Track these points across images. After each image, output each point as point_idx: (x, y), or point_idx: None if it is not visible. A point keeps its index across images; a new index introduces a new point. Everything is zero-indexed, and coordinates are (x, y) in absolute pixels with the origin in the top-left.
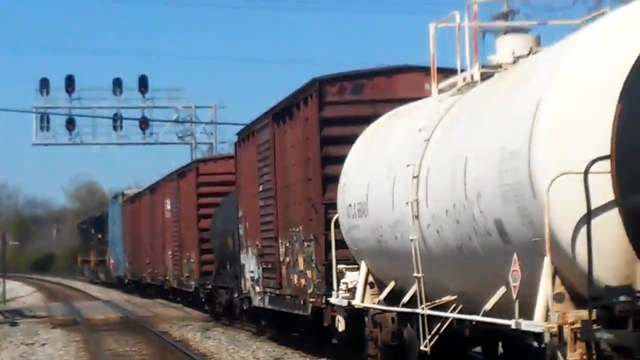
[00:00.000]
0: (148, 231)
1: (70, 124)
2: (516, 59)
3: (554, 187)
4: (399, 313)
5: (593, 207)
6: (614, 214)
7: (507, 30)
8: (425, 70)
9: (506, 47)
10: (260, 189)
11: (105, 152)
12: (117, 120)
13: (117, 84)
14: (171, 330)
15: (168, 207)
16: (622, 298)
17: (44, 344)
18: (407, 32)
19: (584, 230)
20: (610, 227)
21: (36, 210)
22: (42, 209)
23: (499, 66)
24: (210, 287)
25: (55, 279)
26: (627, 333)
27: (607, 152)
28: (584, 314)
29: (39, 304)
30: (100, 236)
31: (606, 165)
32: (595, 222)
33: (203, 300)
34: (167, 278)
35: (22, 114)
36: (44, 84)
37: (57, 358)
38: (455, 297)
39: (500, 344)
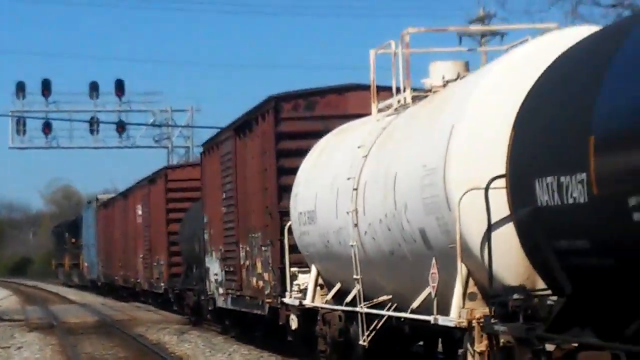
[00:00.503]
0: (120, 235)
1: (47, 127)
2: (445, 83)
3: (464, 201)
4: (344, 311)
5: (495, 218)
6: (511, 225)
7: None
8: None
9: (437, 71)
10: (224, 196)
11: (82, 156)
12: (93, 124)
13: (94, 87)
14: (147, 334)
15: (139, 212)
16: (515, 296)
17: (20, 347)
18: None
19: (476, 241)
20: (508, 236)
21: (12, 213)
22: (19, 212)
23: (429, 90)
24: (178, 289)
25: (31, 282)
26: (518, 325)
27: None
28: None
29: (15, 307)
30: (74, 240)
31: (504, 182)
32: (496, 231)
33: (172, 301)
34: (138, 280)
35: None
36: (20, 88)
37: None
38: (390, 296)
39: (440, 340)
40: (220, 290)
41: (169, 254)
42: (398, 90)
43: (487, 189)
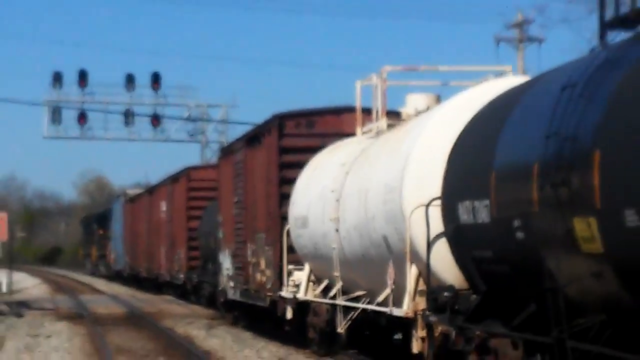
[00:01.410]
0: (145, 229)
1: (82, 118)
2: (417, 113)
3: (414, 215)
4: (328, 304)
5: (435, 230)
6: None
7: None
8: (366, 111)
9: (412, 102)
10: (235, 200)
11: (116, 148)
12: (128, 116)
13: (130, 80)
14: (176, 327)
15: (163, 208)
16: (445, 293)
17: (49, 336)
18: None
19: (422, 247)
20: (443, 245)
21: (45, 203)
22: (51, 202)
23: (402, 119)
24: (196, 281)
25: (61, 271)
26: (445, 316)
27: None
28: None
29: (45, 296)
30: (102, 231)
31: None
32: (435, 241)
33: (190, 292)
34: (160, 272)
35: (34, 106)
36: (57, 78)
37: (62, 350)
38: (365, 292)
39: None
40: (231, 284)
41: (188, 248)
42: (388, 112)
43: (427, 207)
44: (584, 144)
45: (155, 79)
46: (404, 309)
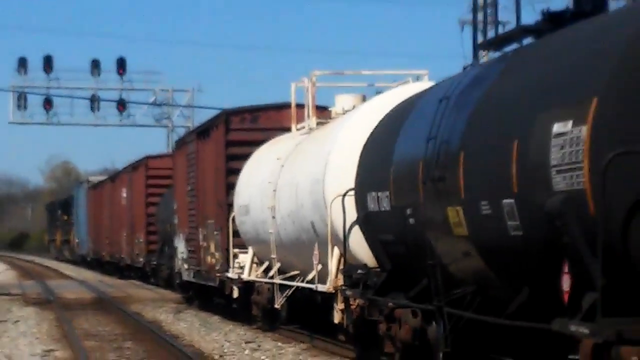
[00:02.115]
0: (108, 215)
1: (48, 103)
2: (344, 112)
3: (334, 204)
4: (269, 283)
5: (351, 217)
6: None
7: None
8: (304, 107)
9: (340, 102)
10: (188, 188)
11: (82, 133)
12: (94, 102)
13: (95, 65)
14: (144, 312)
15: (124, 195)
16: (358, 271)
17: (17, 321)
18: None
19: (343, 231)
20: (358, 230)
21: (11, 188)
22: (18, 187)
23: (330, 117)
24: (154, 263)
25: (29, 257)
26: (358, 291)
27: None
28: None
29: (13, 281)
30: (66, 217)
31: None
32: (353, 226)
33: (149, 274)
34: (122, 256)
35: None
36: (22, 63)
37: (30, 335)
38: (298, 272)
39: None
40: (185, 266)
41: (147, 233)
42: (321, 108)
43: (343, 197)
44: (453, 147)
45: (121, 64)
46: (327, 286)
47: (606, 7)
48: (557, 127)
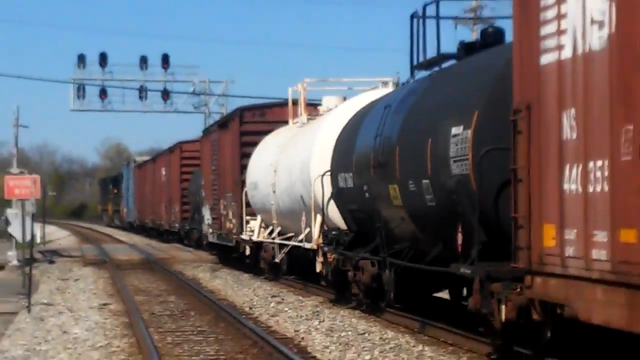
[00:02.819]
0: (150, 189)
1: (103, 93)
2: (328, 110)
3: (316, 182)
4: (272, 242)
5: (328, 192)
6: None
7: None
8: (308, 106)
9: (326, 102)
10: (212, 168)
11: (132, 118)
12: (142, 92)
13: (143, 60)
14: (185, 270)
15: (163, 172)
16: (333, 232)
17: (77, 280)
18: None
19: (323, 203)
20: (333, 202)
21: (72, 167)
22: (77, 165)
23: (319, 114)
24: (187, 228)
25: (87, 224)
26: (333, 247)
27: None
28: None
29: (74, 245)
30: (116, 191)
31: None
32: (330, 199)
33: (183, 237)
34: (161, 222)
35: (62, 84)
36: (81, 59)
37: (88, 292)
38: (293, 233)
39: None
40: (210, 230)
41: (181, 204)
42: (312, 104)
43: (322, 176)
44: (392, 142)
45: (165, 60)
46: (312, 244)
47: (503, 40)
48: (454, 130)
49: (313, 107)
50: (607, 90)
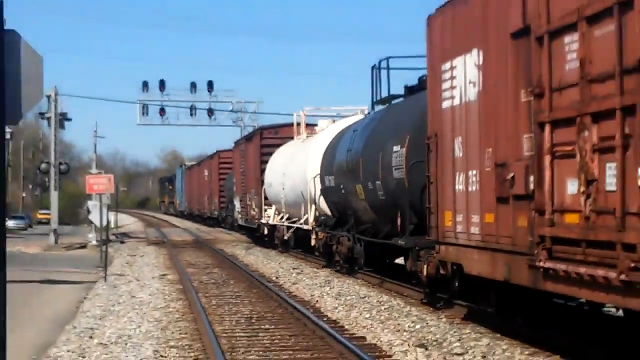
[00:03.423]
0: (196, 186)
1: (162, 111)
2: (322, 130)
3: (311, 182)
4: (283, 225)
5: (319, 189)
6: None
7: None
8: (307, 126)
9: (321, 124)
10: (241, 170)
11: (185, 131)
12: (192, 110)
13: (193, 86)
14: (225, 248)
15: (206, 174)
16: (322, 217)
17: (142, 255)
18: None
19: (316, 196)
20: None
21: (139, 168)
22: (142, 167)
23: (315, 132)
24: (223, 215)
25: (149, 212)
26: (322, 228)
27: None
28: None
29: (140, 229)
30: (171, 187)
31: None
32: (321, 194)
33: (220, 221)
34: (204, 211)
35: (130, 104)
36: (145, 85)
37: (151, 265)
38: (297, 218)
39: None
40: (239, 216)
41: (220, 197)
42: (310, 125)
43: (314, 178)
44: (358, 155)
45: (210, 85)
46: (308, 226)
47: None
48: (395, 148)
49: (312, 127)
50: (477, 126)
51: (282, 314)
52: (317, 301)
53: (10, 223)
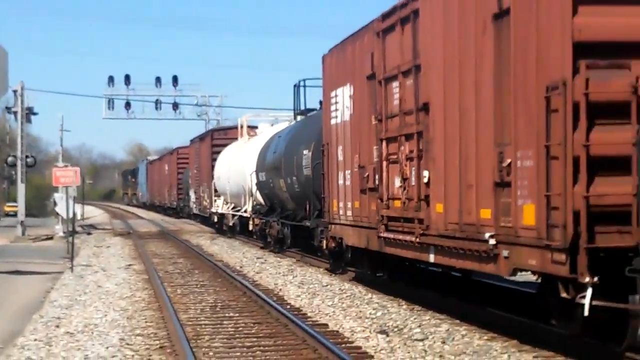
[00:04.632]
0: (157, 179)
1: (127, 105)
2: (261, 132)
3: (249, 176)
4: (230, 214)
5: (255, 183)
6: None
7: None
8: (250, 128)
9: (261, 127)
10: (195, 166)
11: (150, 124)
12: (157, 104)
13: (158, 80)
14: (190, 239)
15: (166, 167)
16: (258, 206)
17: (109, 246)
18: None
19: (253, 189)
20: (255, 189)
21: (105, 161)
22: (108, 160)
23: (255, 135)
24: (181, 205)
25: (116, 205)
26: (258, 215)
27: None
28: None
29: (106, 220)
30: (133, 180)
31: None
32: (257, 188)
33: (178, 211)
34: (165, 202)
35: (96, 98)
36: (110, 79)
37: (117, 256)
38: (240, 207)
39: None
40: (194, 206)
41: (178, 189)
42: (253, 127)
43: (251, 174)
44: (280, 156)
45: (175, 79)
46: (247, 213)
47: None
48: (304, 152)
49: (254, 129)
50: (350, 139)
51: (246, 302)
52: (280, 289)
53: None
